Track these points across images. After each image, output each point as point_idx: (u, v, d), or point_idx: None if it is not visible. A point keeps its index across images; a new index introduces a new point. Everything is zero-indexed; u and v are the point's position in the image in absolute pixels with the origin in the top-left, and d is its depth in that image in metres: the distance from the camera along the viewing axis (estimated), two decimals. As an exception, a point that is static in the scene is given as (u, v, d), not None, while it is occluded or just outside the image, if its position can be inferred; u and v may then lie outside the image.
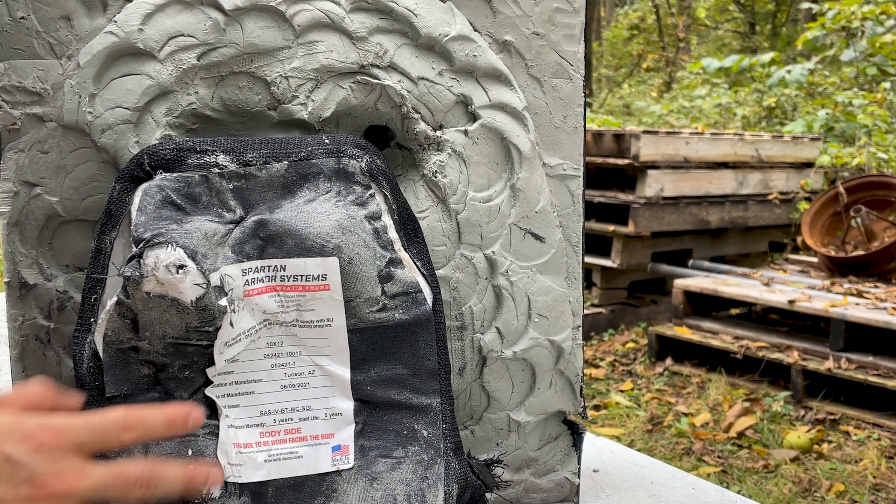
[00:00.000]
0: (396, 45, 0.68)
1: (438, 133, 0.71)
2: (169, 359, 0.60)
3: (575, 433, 0.80)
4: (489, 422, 0.77)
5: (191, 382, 0.61)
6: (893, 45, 6.42)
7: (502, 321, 0.74)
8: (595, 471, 0.92)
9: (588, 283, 4.28)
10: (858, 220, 3.74)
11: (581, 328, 0.77)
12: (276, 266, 0.61)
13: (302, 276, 0.61)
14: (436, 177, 0.71)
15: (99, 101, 0.65)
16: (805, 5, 8.97)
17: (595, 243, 4.17)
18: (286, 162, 0.62)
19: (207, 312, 0.60)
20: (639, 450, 1.35)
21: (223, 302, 0.60)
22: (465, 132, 0.71)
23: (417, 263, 0.65)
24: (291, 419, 0.63)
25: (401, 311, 0.64)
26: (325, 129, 0.69)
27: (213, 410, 0.62)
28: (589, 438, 0.99)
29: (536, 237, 0.74)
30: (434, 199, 0.71)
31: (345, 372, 0.63)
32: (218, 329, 0.60)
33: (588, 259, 4.09)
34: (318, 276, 0.61)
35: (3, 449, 0.47)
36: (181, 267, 0.59)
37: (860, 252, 3.72)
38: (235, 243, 0.59)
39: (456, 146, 0.71)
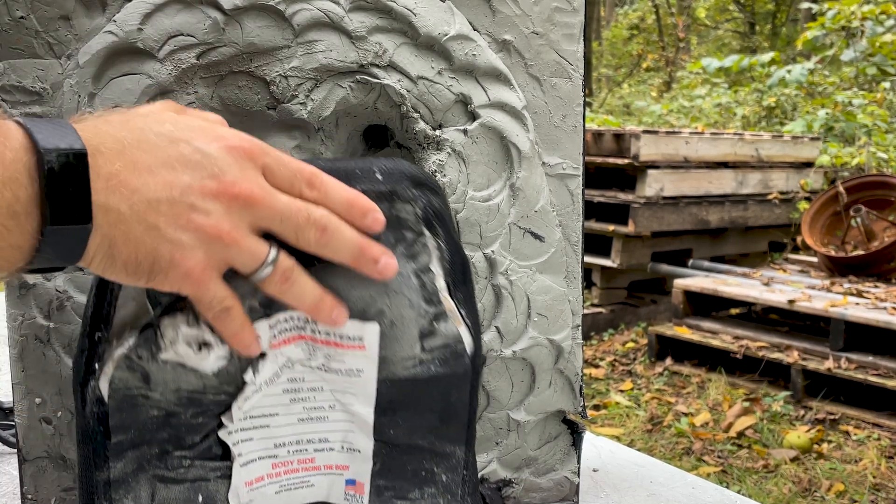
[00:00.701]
0: (396, 45, 0.68)
1: (438, 132, 0.71)
2: (182, 408, 0.54)
3: (574, 433, 0.80)
4: (489, 421, 0.77)
5: (203, 427, 0.55)
6: (893, 45, 6.43)
7: (502, 320, 0.74)
8: (595, 470, 0.92)
9: (588, 283, 4.28)
10: (858, 219, 3.75)
11: (580, 327, 0.77)
12: (307, 318, 0.54)
13: (337, 334, 0.55)
14: (435, 176, 0.71)
15: (98, 100, 0.65)
16: (805, 5, 8.97)
17: (595, 243, 4.18)
18: None
19: (229, 376, 0.54)
20: (639, 449, 1.35)
21: (248, 374, 0.54)
22: (465, 131, 0.71)
23: (462, 312, 0.59)
24: (306, 450, 0.58)
25: (437, 364, 0.58)
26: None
27: (224, 450, 0.56)
28: (588, 438, 0.99)
29: (536, 236, 0.74)
30: (433, 198, 0.71)
31: (368, 413, 0.58)
32: (239, 388, 0.55)
33: (588, 259, 4.09)
34: (355, 337, 0.56)
35: (195, 142, 0.47)
36: (205, 344, 0.53)
37: (860, 252, 3.73)
38: (264, 299, 0.53)
39: (455, 145, 0.71)
